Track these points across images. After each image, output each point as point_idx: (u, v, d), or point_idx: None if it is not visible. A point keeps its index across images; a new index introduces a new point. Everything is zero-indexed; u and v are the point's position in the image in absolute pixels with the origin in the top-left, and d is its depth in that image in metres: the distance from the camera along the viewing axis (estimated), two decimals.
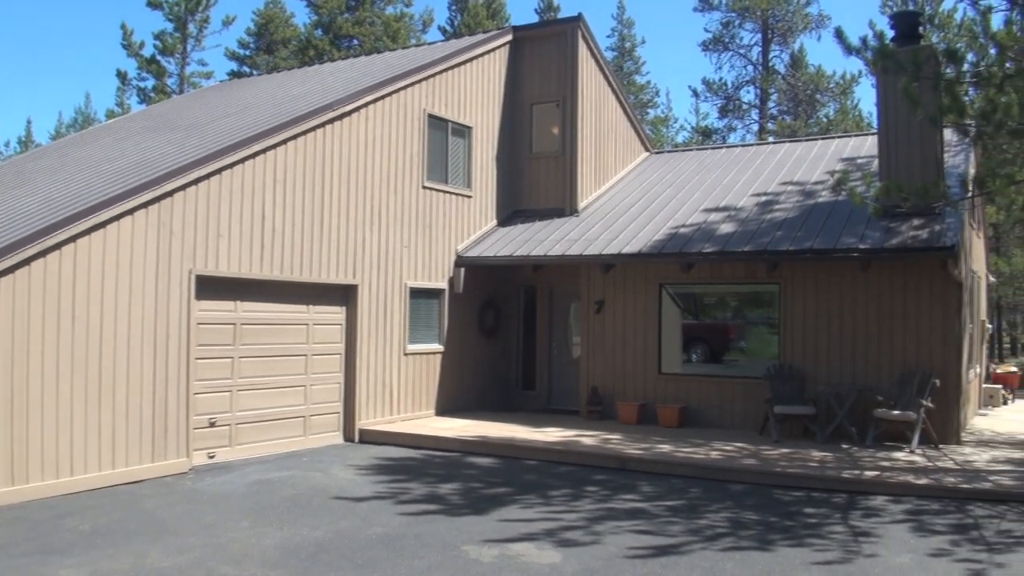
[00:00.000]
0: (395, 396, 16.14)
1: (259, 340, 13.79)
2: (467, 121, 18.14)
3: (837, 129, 39.74)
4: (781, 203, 17.28)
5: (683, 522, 9.89)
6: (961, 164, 16.82)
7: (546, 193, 19.31)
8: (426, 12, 47.57)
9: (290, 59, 43.13)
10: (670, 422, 16.14)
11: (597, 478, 12.39)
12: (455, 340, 17.62)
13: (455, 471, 12.83)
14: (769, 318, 16.48)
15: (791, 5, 44.03)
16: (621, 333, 17.28)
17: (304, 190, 14.35)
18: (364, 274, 15.48)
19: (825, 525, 9.82)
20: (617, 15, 53.27)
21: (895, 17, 16.25)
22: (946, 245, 13.82)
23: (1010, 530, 9.63)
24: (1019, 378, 26.08)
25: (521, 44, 19.76)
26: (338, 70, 21.40)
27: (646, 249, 16.16)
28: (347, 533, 9.24)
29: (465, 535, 9.18)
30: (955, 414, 14.65)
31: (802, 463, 12.77)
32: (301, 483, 11.75)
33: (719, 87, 45.62)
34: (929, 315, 14.73)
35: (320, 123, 14.67)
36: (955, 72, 12.94)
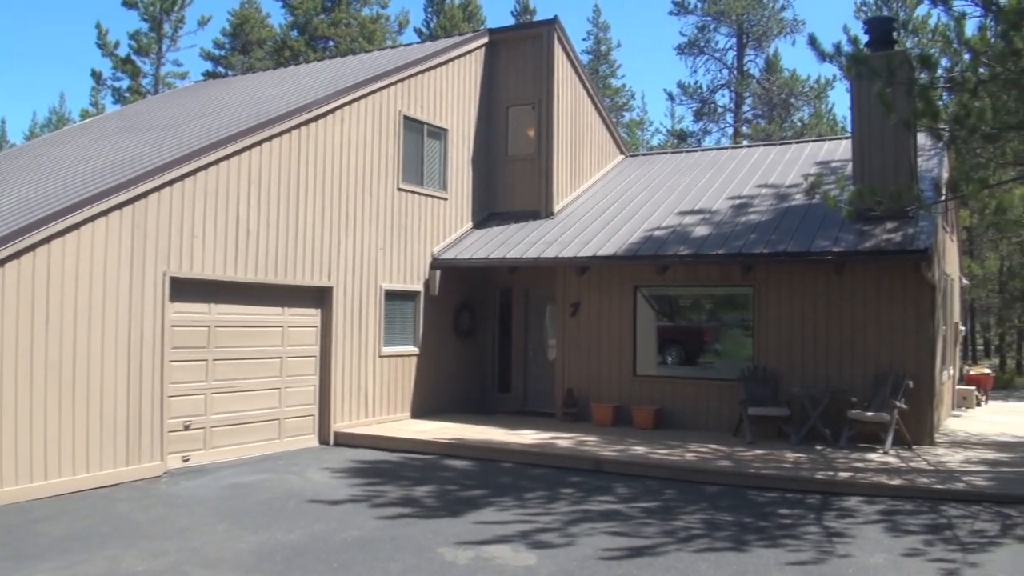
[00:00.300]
0: (370, 399, 16.10)
1: (234, 342, 13.72)
2: (443, 123, 18.13)
3: (811, 133, 39.97)
4: (755, 206, 17.37)
5: (658, 523, 9.91)
6: (935, 168, 16.95)
7: (522, 195, 19.32)
8: (402, 14, 47.58)
9: (265, 60, 42.94)
10: (645, 424, 16.17)
11: (572, 480, 12.40)
12: (430, 342, 17.59)
13: (430, 473, 12.81)
14: (743, 320, 16.55)
15: (766, 10, 44.29)
16: (596, 335, 17.30)
17: (279, 191, 14.30)
18: (339, 276, 15.43)
19: (799, 526, 9.86)
20: (593, 18, 53.43)
21: (869, 23, 16.39)
22: (919, 248, 13.93)
23: (983, 530, 9.70)
24: (992, 380, 26.32)
25: (497, 47, 19.77)
26: (314, 71, 21.34)
27: (621, 251, 16.20)
28: (322, 536, 9.20)
29: (440, 537, 9.17)
30: (928, 415, 14.76)
31: (776, 464, 12.83)
32: (276, 486, 11.70)
33: (694, 91, 45.80)
34: (902, 317, 14.83)
35: (295, 124, 14.62)
36: (929, 77, 13.04)
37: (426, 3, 46.89)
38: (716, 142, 45.11)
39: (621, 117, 49.72)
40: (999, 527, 9.82)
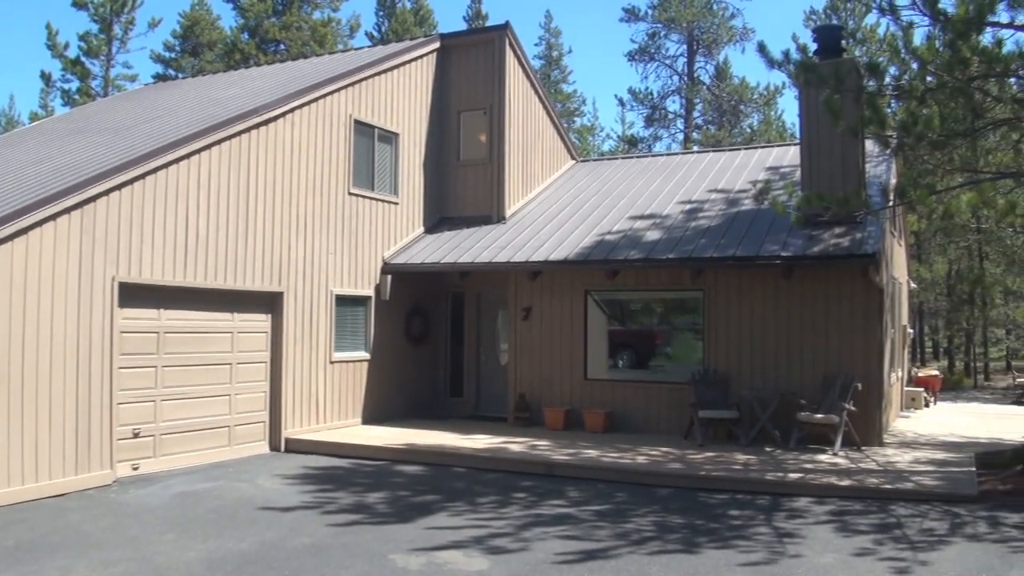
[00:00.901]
0: (321, 405, 15.99)
1: (183, 349, 13.56)
2: (394, 128, 18.08)
3: (761, 139, 40.46)
4: (706, 211, 17.50)
5: (610, 527, 9.95)
6: (883, 174, 17.19)
7: (474, 200, 19.32)
8: (353, 18, 47.35)
9: (216, 62, 42.56)
10: (596, 427, 16.22)
11: (525, 484, 12.41)
12: (382, 348, 17.51)
13: (382, 479, 12.75)
14: (694, 324, 16.66)
15: (716, 18, 44.72)
16: (548, 339, 17.33)
17: (229, 196, 14.17)
18: (290, 281, 15.32)
19: (750, 527, 9.94)
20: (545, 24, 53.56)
21: (818, 31, 16.57)
22: (867, 253, 14.11)
23: (932, 528, 9.85)
24: (941, 381, 26.75)
25: (449, 51, 19.76)
26: (264, 74, 21.19)
27: (573, 256, 16.25)
28: (273, 544, 9.12)
29: (392, 544, 9.13)
30: (877, 417, 14.95)
31: (726, 466, 12.92)
32: (227, 494, 11.58)
33: (645, 97, 46.09)
34: (851, 320, 15.02)
35: (245, 128, 14.50)
36: (877, 85, 13.23)
37: (377, 7, 46.80)
38: (667, 148, 45.49)
39: (572, 122, 49.94)
40: (948, 526, 9.98)
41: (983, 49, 12.11)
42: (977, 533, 9.64)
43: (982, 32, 12.27)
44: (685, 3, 43.45)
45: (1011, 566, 8.40)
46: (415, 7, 46.19)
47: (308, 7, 45.00)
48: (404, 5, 46.11)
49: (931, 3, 12.31)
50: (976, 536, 9.51)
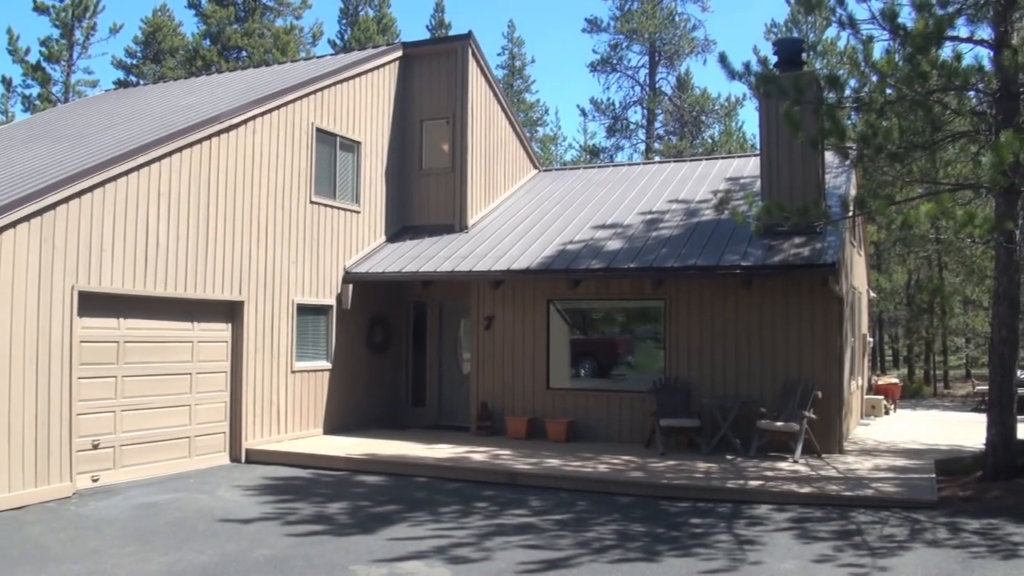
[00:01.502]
0: (282, 415, 15.88)
1: (143, 358, 13.42)
2: (356, 136, 18.03)
3: (722, 150, 40.71)
4: (667, 221, 17.60)
5: (572, 535, 9.95)
6: (842, 185, 17.37)
7: (436, 209, 19.30)
8: (316, 25, 47.29)
9: (177, 69, 42.28)
10: (559, 436, 16.24)
11: (487, 494, 12.39)
12: (344, 357, 17.43)
13: (344, 490, 12.68)
14: (655, 333, 16.73)
15: (678, 29, 45.01)
16: (511, 349, 17.34)
17: (190, 204, 14.06)
18: (250, 290, 15.22)
19: (711, 535, 9.99)
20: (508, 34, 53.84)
21: (778, 44, 16.74)
22: (826, 262, 14.25)
23: (892, 535, 9.94)
24: (900, 389, 27.06)
25: (411, 60, 19.74)
26: (226, 81, 21.08)
27: (535, 265, 16.27)
28: (234, 556, 9.04)
29: (353, 555, 9.08)
30: (837, 424, 15.09)
31: (688, 474, 12.98)
32: (187, 506, 11.47)
33: (607, 107, 46.29)
34: (811, 329, 15.16)
35: (207, 135, 14.39)
36: (836, 97, 13.39)
37: (340, 15, 46.79)
38: (628, 158, 45.71)
39: (535, 132, 50.06)
40: (908, 532, 10.08)
41: (942, 63, 12.29)
42: (937, 539, 9.74)
43: (941, 46, 12.45)
44: (647, 15, 43.71)
45: (971, 571, 8.49)
46: (378, 16, 46.13)
47: (270, 15, 44.86)
48: (367, 14, 46.03)
49: (891, 17, 12.49)
50: (936, 542, 9.61)
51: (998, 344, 13.10)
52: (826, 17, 13.52)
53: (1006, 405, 12.86)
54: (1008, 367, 12.95)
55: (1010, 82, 12.56)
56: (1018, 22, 13.31)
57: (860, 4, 12.86)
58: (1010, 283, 13.00)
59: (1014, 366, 13.05)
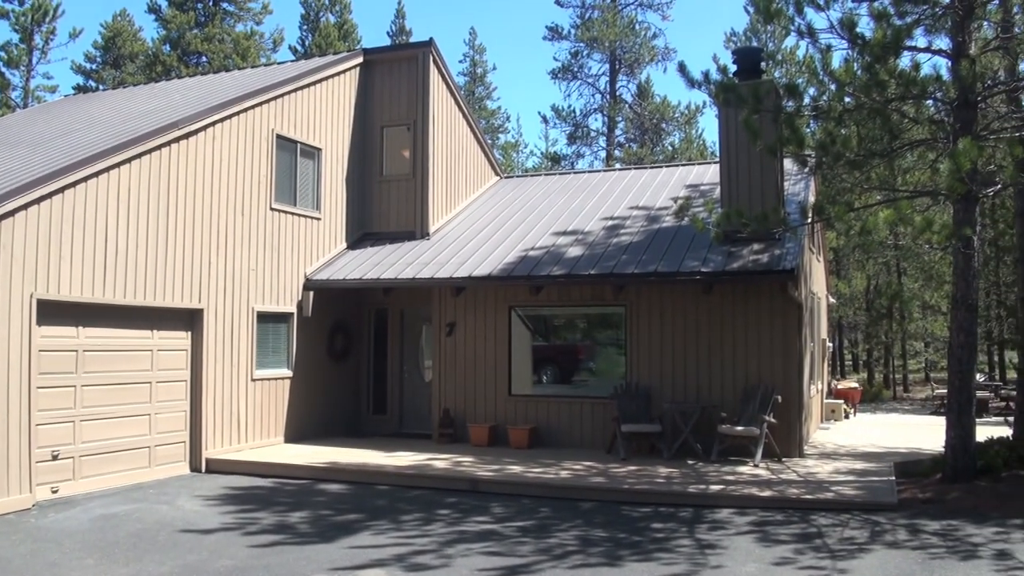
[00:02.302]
0: (243, 423, 15.75)
1: (103, 367, 13.25)
2: (317, 143, 17.94)
3: (682, 157, 40.95)
4: (628, 227, 17.67)
5: (533, 542, 9.95)
6: (801, 192, 17.53)
7: (397, 216, 19.25)
8: (276, 31, 47.03)
9: (137, 74, 41.90)
10: (521, 443, 16.24)
11: (449, 501, 12.36)
12: (304, 365, 17.32)
13: (305, 499, 12.60)
14: (617, 339, 16.79)
15: (638, 37, 45.23)
16: (472, 355, 17.32)
17: (149, 211, 13.92)
18: (210, 298, 15.09)
19: (672, 539, 10.03)
20: (469, 41, 53.78)
21: (738, 53, 16.89)
22: (785, 268, 14.37)
23: (852, 537, 10.03)
24: (860, 393, 27.35)
25: (372, 67, 19.70)
26: (186, 87, 20.90)
27: (496, 272, 16.27)
28: (194, 567, 8.95)
29: (315, 564, 9.03)
30: (797, 428, 15.21)
31: (649, 479, 13.03)
32: (147, 516, 11.34)
33: (568, 114, 46.40)
34: (770, 334, 15.27)
35: (166, 142, 14.26)
36: (795, 106, 13.53)
37: (301, 21, 46.52)
38: (589, 165, 45.81)
39: (496, 139, 50.09)
40: (868, 534, 10.18)
41: (901, 72, 12.46)
42: (897, 541, 9.84)
43: (899, 56, 12.63)
44: (607, 23, 43.89)
45: (931, 572, 8.59)
46: (339, 22, 45.98)
47: (231, 20, 44.61)
48: (328, 20, 45.87)
49: (849, 27, 12.64)
50: (896, 544, 9.71)
51: (956, 348, 13.27)
52: (785, 26, 13.67)
53: (965, 408, 13.02)
54: (966, 371, 13.12)
55: (968, 91, 12.74)
56: (976, 32, 13.50)
57: (819, 14, 12.98)
58: (968, 288, 13.17)
59: (972, 370, 13.23)
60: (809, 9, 13.04)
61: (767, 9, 13.23)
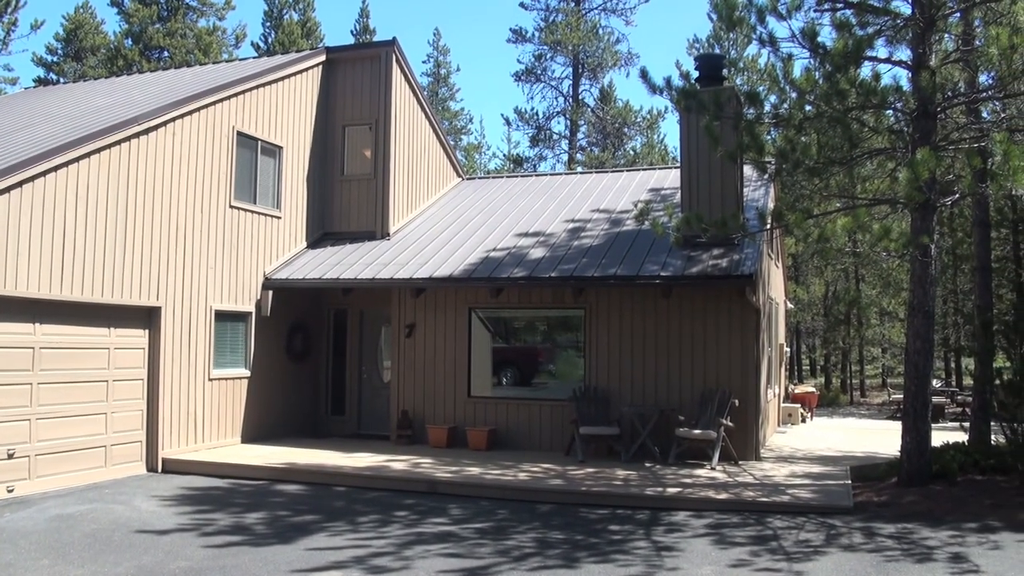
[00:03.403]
0: (200, 423, 15.61)
1: (59, 365, 13.07)
2: (277, 140, 17.84)
3: (643, 161, 41.11)
4: (589, 230, 17.73)
5: (492, 544, 9.96)
6: (761, 198, 17.68)
7: (358, 216, 19.18)
8: (239, 27, 46.65)
9: (98, 68, 41.40)
10: (479, 445, 16.24)
11: (407, 502, 12.34)
12: (262, 365, 17.21)
13: (262, 500, 12.52)
14: (577, 342, 16.84)
15: (601, 42, 45.34)
16: (432, 357, 17.29)
17: (108, 207, 13.77)
18: (168, 296, 14.95)
19: (629, 541, 10.07)
20: (433, 41, 53.63)
21: (700, 59, 17.02)
22: (744, 274, 14.48)
23: (808, 540, 10.13)
24: (817, 398, 27.60)
25: (335, 65, 19.62)
26: (147, 82, 20.69)
27: (457, 273, 16.26)
28: (149, 569, 8.86)
29: (271, 566, 8.97)
30: (754, 432, 15.33)
31: (607, 482, 13.07)
32: (103, 517, 11.20)
33: (531, 117, 46.43)
34: (728, 339, 15.38)
35: (125, 137, 14.12)
36: (756, 113, 13.64)
37: (264, 18, 46.18)
38: (552, 168, 45.89)
39: (459, 140, 50.03)
40: (824, 537, 10.28)
41: (861, 82, 12.60)
42: (852, 543, 9.94)
43: (860, 65, 12.78)
44: (571, 27, 43.98)
45: (885, 574, 8.68)
46: (302, 19, 45.72)
47: (193, 15, 44.17)
48: (291, 17, 45.59)
49: (811, 36, 12.77)
50: (851, 546, 9.81)
51: (913, 354, 13.44)
52: (747, 35, 13.77)
53: (920, 413, 13.20)
54: (923, 376, 13.29)
55: (927, 102, 12.91)
56: (936, 44, 13.68)
57: (780, 23, 13.11)
58: (925, 295, 13.35)
59: (928, 375, 13.41)
60: (771, 18, 13.17)
61: (729, 17, 13.33)
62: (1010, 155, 10.74)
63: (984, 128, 14.02)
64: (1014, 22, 11.46)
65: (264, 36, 45.93)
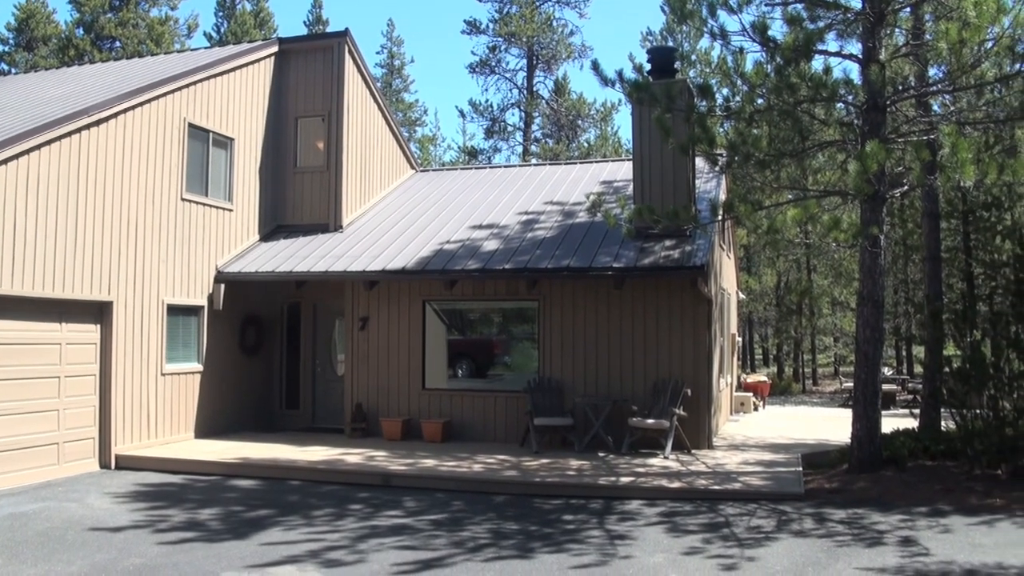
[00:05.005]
0: (153, 419, 15.47)
1: (9, 361, 12.86)
2: (230, 132, 17.69)
3: (597, 154, 41.29)
4: (543, 222, 17.78)
5: (446, 535, 9.99)
6: (713, 190, 17.82)
7: (310, 208, 19.09)
8: (192, 17, 46.29)
9: (50, 58, 40.79)
10: (434, 437, 16.25)
11: (361, 496, 12.33)
12: (215, 359, 17.08)
13: (215, 495, 12.45)
14: (531, 334, 16.89)
15: (555, 34, 45.46)
16: (386, 350, 17.26)
17: (59, 200, 13.58)
18: (120, 290, 14.79)
19: (583, 530, 10.16)
20: (387, 33, 53.49)
21: (652, 52, 17.09)
22: (695, 265, 14.61)
23: (759, 526, 10.29)
24: (769, 386, 27.92)
25: (287, 56, 19.48)
26: (98, 72, 20.38)
27: (410, 266, 16.24)
28: (103, 566, 8.79)
29: (225, 562, 8.94)
30: (706, 421, 15.50)
31: (561, 472, 13.15)
32: (56, 515, 11.07)
33: (485, 109, 46.48)
34: (680, 329, 15.51)
35: (76, 128, 13.92)
36: (707, 106, 13.76)
37: (217, 8, 45.77)
38: (506, 160, 45.93)
39: (414, 132, 49.92)
40: (775, 523, 10.44)
41: (812, 75, 12.74)
42: (803, 529, 10.11)
43: (811, 59, 12.91)
44: (525, 18, 44.04)
45: (836, 559, 8.85)
46: (255, 9, 45.36)
47: (145, 4, 43.64)
48: (244, 7, 45.23)
49: (761, 30, 12.90)
50: (803, 532, 9.98)
51: (863, 343, 13.65)
52: (699, 28, 13.87)
53: (871, 401, 13.41)
54: (873, 364, 13.50)
55: (877, 95, 13.09)
56: (887, 38, 13.86)
57: (731, 16, 13.21)
58: (874, 285, 13.55)
59: (878, 363, 13.62)
60: (722, 12, 13.27)
61: (681, 10, 13.44)
62: (958, 148, 10.94)
63: (933, 121, 14.24)
64: (963, 17, 11.63)
65: (217, 26, 45.52)
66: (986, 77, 13.29)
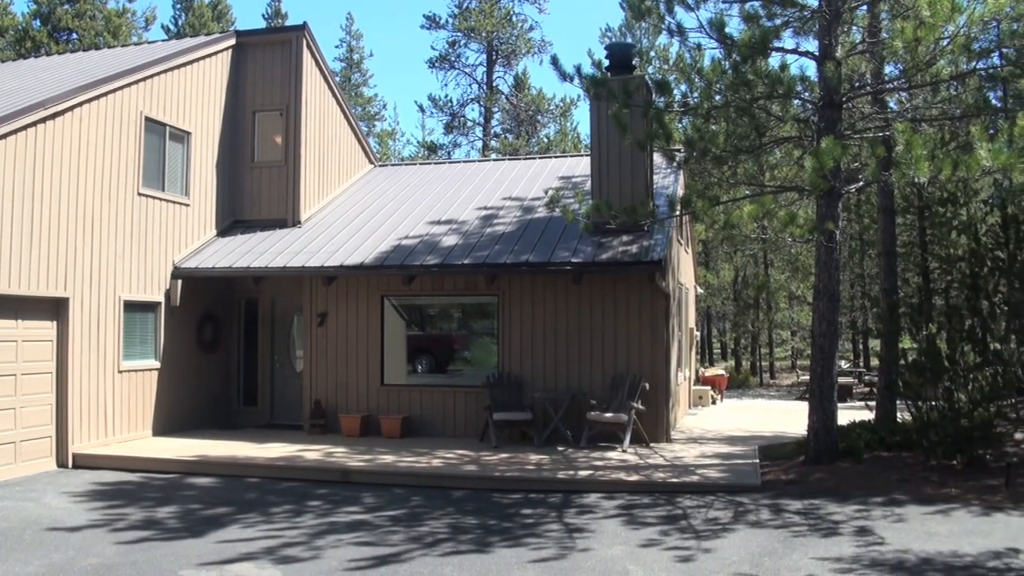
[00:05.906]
0: (111, 417, 15.33)
1: None
2: (186, 126, 17.54)
3: (556, 149, 41.35)
4: (502, 217, 17.82)
5: (404, 531, 10.01)
6: (671, 185, 17.94)
7: (268, 203, 18.98)
8: (149, 9, 45.72)
9: (6, 50, 40.14)
10: (393, 433, 16.25)
11: (320, 492, 12.31)
12: (173, 356, 16.95)
13: (173, 493, 12.37)
14: (491, 329, 16.93)
15: (515, 29, 45.46)
16: (344, 346, 17.22)
17: (14, 194, 13.40)
18: (76, 286, 14.63)
19: (541, 524, 10.22)
20: (346, 27, 53.34)
21: (610, 48, 17.18)
22: (653, 260, 14.72)
23: (717, 518, 10.41)
24: (727, 380, 28.20)
25: (245, 50, 19.34)
26: (54, 65, 20.12)
27: (369, 261, 16.21)
28: (61, 566, 8.71)
29: (183, 560, 8.90)
30: (665, 414, 15.63)
31: (520, 466, 13.21)
32: (13, 515, 10.95)
33: (445, 104, 46.38)
34: (638, 323, 15.62)
35: (31, 122, 13.72)
36: (665, 102, 13.85)
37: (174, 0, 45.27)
38: (466, 155, 45.90)
39: (373, 127, 49.75)
40: (732, 514, 10.57)
41: (768, 72, 12.87)
42: (760, 520, 10.25)
43: (767, 56, 13.04)
44: (485, 13, 44.02)
45: (792, 549, 8.98)
46: (213, 2, 44.93)
47: None
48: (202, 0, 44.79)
49: (718, 27, 13.00)
50: (759, 523, 10.12)
51: (819, 337, 13.82)
52: (656, 24, 13.95)
53: (827, 393, 13.59)
54: (828, 358, 13.68)
55: (833, 92, 13.25)
56: (843, 36, 14.01)
57: (688, 13, 13.31)
58: (830, 279, 13.73)
59: (834, 357, 13.80)
60: (679, 8, 13.37)
61: (638, 7, 13.51)
62: (912, 145, 11.09)
63: (889, 118, 14.42)
64: (919, 15, 11.80)
65: (175, 18, 45.04)
66: (941, 75, 13.50)
